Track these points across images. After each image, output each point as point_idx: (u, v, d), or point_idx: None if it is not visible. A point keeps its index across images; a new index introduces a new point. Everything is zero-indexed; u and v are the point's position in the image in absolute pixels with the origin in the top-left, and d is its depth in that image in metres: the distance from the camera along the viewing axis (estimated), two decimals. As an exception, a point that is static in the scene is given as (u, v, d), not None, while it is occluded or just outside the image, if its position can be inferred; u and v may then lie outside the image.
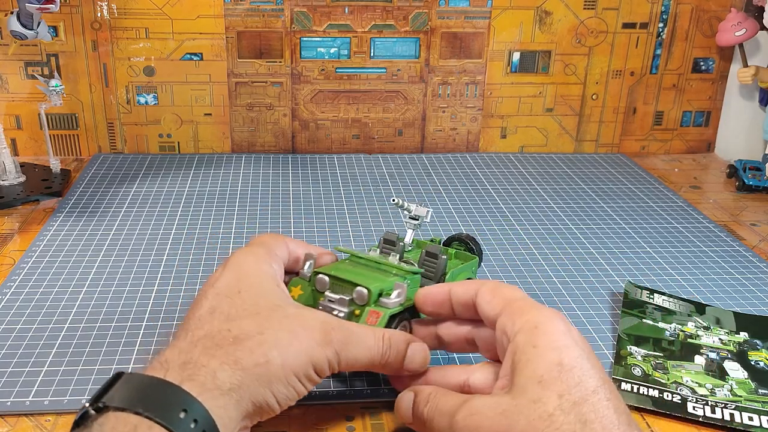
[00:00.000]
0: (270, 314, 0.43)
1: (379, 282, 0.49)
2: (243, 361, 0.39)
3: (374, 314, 0.47)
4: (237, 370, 0.39)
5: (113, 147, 0.97)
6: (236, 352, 0.39)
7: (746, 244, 0.76)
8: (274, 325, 0.42)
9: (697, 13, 1.00)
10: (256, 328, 0.41)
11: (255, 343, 0.40)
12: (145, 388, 0.36)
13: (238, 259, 0.47)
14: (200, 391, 0.37)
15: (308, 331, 0.42)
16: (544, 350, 0.39)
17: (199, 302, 0.44)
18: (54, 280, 0.64)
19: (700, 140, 1.07)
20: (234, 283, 0.45)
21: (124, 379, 0.37)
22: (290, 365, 0.40)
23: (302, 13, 0.93)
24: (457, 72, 0.99)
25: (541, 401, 0.36)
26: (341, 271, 0.50)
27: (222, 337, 0.40)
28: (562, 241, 0.75)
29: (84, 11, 0.90)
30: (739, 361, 0.54)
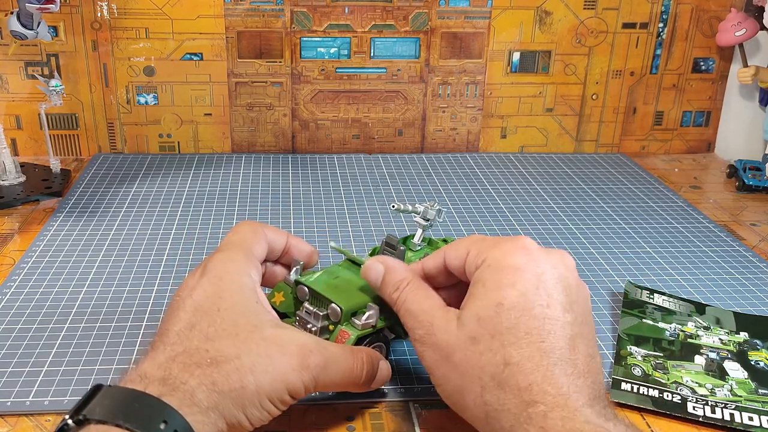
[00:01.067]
0: (248, 336, 0.42)
1: (354, 300, 0.49)
2: (219, 384, 0.39)
3: (343, 334, 0.48)
4: (213, 392, 0.39)
5: (113, 147, 0.97)
6: (213, 374, 0.40)
7: (746, 244, 0.76)
8: (251, 349, 0.41)
9: (697, 13, 1.00)
10: (233, 351, 0.41)
11: (232, 367, 0.40)
12: (125, 401, 0.36)
13: (218, 269, 0.46)
14: (179, 405, 0.37)
15: (285, 356, 0.42)
16: (489, 289, 0.40)
17: (177, 314, 0.43)
18: (54, 280, 0.64)
19: (700, 140, 1.07)
20: (214, 298, 0.44)
21: (104, 391, 0.37)
22: (265, 390, 0.41)
23: (302, 13, 0.93)
24: (457, 72, 0.99)
25: (476, 339, 0.39)
26: (321, 283, 0.50)
27: (200, 356, 0.40)
28: (562, 241, 0.75)
29: (84, 11, 0.90)
30: (739, 361, 0.54)
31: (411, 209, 0.58)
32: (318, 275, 0.52)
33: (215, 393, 0.39)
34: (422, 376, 0.52)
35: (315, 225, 0.77)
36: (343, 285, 0.50)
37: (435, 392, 0.50)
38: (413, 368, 0.53)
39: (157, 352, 0.41)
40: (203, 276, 0.45)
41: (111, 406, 0.36)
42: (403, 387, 0.51)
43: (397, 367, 0.53)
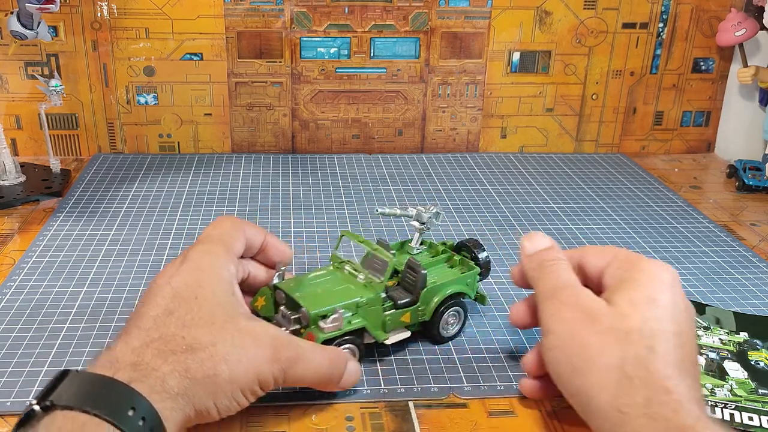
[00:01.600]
0: (224, 325, 0.43)
1: (322, 305, 0.50)
2: (193, 370, 0.40)
3: (310, 337, 0.49)
4: (186, 378, 0.40)
5: (113, 147, 0.97)
6: (187, 360, 0.40)
7: (746, 244, 0.76)
8: (226, 338, 0.42)
9: (697, 13, 1.00)
10: (209, 339, 0.42)
11: (207, 354, 0.41)
12: (93, 386, 0.36)
13: (198, 259, 0.47)
14: (149, 392, 0.37)
15: (259, 348, 0.43)
16: (643, 285, 0.43)
17: (155, 299, 0.44)
18: (54, 280, 0.64)
19: (700, 140, 1.07)
20: (192, 287, 0.45)
21: (72, 376, 0.37)
22: (237, 380, 0.42)
23: (302, 13, 0.93)
24: (457, 72, 0.99)
25: (627, 318, 0.41)
26: (296, 288, 0.52)
27: (176, 343, 0.41)
28: (562, 241, 0.75)
29: (84, 11, 0.90)
30: (739, 361, 0.54)
31: (399, 212, 0.58)
32: (298, 281, 0.53)
33: (187, 379, 0.40)
34: (422, 376, 0.52)
35: (315, 225, 0.77)
36: (316, 290, 0.52)
37: (435, 392, 0.50)
38: (413, 368, 0.53)
39: (131, 336, 0.41)
40: (183, 264, 0.46)
41: (78, 392, 0.36)
42: (403, 387, 0.51)
43: (396, 367, 0.53)
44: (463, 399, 0.50)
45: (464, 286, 0.56)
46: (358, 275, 0.54)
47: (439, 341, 0.56)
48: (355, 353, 0.51)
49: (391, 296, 0.53)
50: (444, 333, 0.56)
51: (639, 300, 0.42)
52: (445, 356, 0.55)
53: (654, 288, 0.43)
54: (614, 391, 0.39)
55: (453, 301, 0.55)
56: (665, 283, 0.44)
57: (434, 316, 0.54)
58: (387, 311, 0.52)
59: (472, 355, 0.55)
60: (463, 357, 0.55)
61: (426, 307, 0.54)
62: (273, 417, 0.48)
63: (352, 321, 0.50)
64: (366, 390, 0.51)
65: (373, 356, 0.54)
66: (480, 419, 0.48)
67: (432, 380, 0.52)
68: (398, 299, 0.53)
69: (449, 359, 0.54)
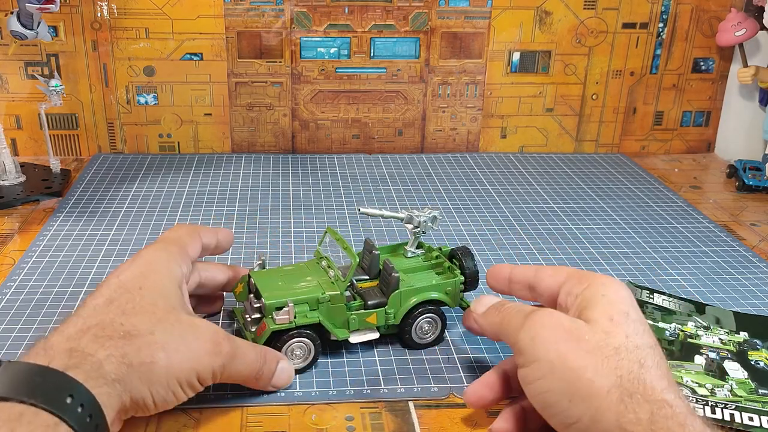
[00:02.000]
0: (165, 316, 0.44)
1: (278, 296, 0.51)
2: (130, 356, 0.40)
3: (263, 326, 0.50)
4: (122, 364, 0.40)
5: (113, 147, 0.97)
6: (125, 346, 0.40)
7: (746, 244, 0.76)
8: (166, 328, 0.43)
9: (697, 13, 1.00)
10: (148, 327, 0.42)
11: (144, 342, 0.41)
12: (28, 376, 0.36)
13: (149, 255, 0.48)
14: (85, 379, 0.37)
15: (199, 340, 0.44)
16: (613, 301, 0.42)
17: (99, 290, 0.44)
18: (54, 280, 0.64)
19: (700, 140, 1.07)
20: (138, 278, 0.45)
21: (4, 367, 0.37)
22: (174, 370, 0.42)
23: (302, 13, 0.93)
24: (457, 72, 0.99)
25: (611, 335, 0.40)
26: (266, 278, 0.53)
27: (113, 329, 0.41)
28: (562, 241, 0.75)
29: (84, 11, 0.90)
30: (739, 361, 0.54)
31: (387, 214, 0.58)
32: (271, 272, 0.55)
33: (124, 365, 0.40)
34: (422, 376, 0.52)
35: (315, 225, 0.77)
36: (282, 281, 0.53)
37: (435, 392, 0.50)
38: (413, 368, 0.53)
39: (68, 325, 0.41)
40: (134, 261, 0.47)
41: (12, 382, 0.35)
42: (403, 387, 0.51)
43: (396, 367, 0.53)
44: (463, 399, 0.50)
45: (442, 294, 0.55)
46: (329, 271, 0.54)
47: (411, 347, 0.55)
48: (309, 349, 0.51)
49: (363, 296, 0.53)
50: (417, 339, 0.55)
51: (616, 316, 0.41)
52: (445, 356, 0.55)
53: (623, 303, 0.43)
54: (617, 410, 0.38)
55: (432, 307, 0.54)
56: (628, 298, 0.43)
57: (406, 320, 0.54)
58: (354, 310, 0.53)
59: (472, 355, 0.55)
60: (463, 357, 0.55)
61: (396, 311, 0.53)
62: (273, 417, 0.48)
63: (309, 315, 0.51)
64: (366, 390, 0.51)
65: (373, 356, 0.54)
66: (480, 419, 0.48)
67: (432, 380, 0.52)
68: (369, 299, 0.53)
69: (449, 359, 0.54)
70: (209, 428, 0.46)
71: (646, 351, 0.40)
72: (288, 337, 0.50)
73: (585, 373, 0.39)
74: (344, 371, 0.53)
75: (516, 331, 0.43)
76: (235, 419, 0.47)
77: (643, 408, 0.37)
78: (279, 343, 0.50)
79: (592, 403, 0.38)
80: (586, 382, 0.39)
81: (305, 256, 0.70)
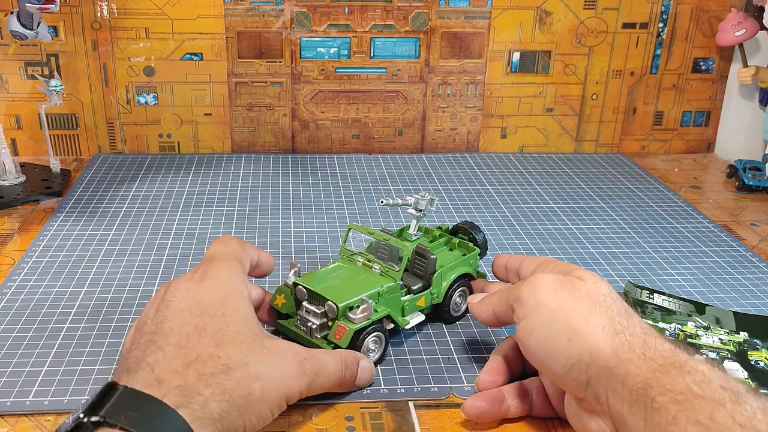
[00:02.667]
0: (253, 344, 0.44)
1: (348, 296, 0.51)
2: (231, 392, 0.40)
3: (341, 329, 0.50)
4: (224, 401, 0.40)
5: (113, 147, 0.97)
6: (225, 382, 0.40)
7: (746, 244, 0.76)
8: (257, 358, 0.43)
9: (697, 13, 1.00)
10: (241, 358, 0.42)
11: (241, 374, 0.41)
12: (144, 409, 0.37)
13: (220, 275, 0.47)
14: (192, 419, 0.38)
15: (286, 364, 0.44)
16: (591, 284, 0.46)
17: (182, 315, 0.43)
18: (54, 280, 0.64)
19: (700, 140, 1.07)
20: (218, 304, 0.45)
21: (122, 394, 0.37)
22: (267, 398, 0.42)
23: (302, 13, 0.93)
24: (457, 72, 0.99)
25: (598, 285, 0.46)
26: (318, 283, 0.53)
27: (213, 363, 0.41)
28: (562, 241, 0.75)
29: (84, 11, 0.90)
30: (739, 361, 0.54)
31: (401, 202, 0.60)
32: (315, 275, 0.55)
33: (225, 402, 0.40)
34: (422, 376, 0.52)
35: (315, 225, 0.77)
36: (337, 283, 0.54)
37: (435, 392, 0.50)
38: (413, 368, 0.53)
39: (168, 355, 0.41)
40: (204, 281, 0.46)
41: (130, 412, 0.36)
42: (403, 387, 0.51)
43: (396, 367, 0.53)
44: (463, 399, 0.50)
45: (468, 267, 0.59)
46: (373, 265, 0.56)
47: (450, 321, 0.59)
48: (382, 341, 0.53)
49: (405, 283, 0.55)
50: (454, 313, 0.59)
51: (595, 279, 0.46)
52: (445, 356, 0.55)
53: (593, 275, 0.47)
54: (612, 343, 0.41)
55: (460, 281, 0.58)
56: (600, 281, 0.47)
57: (445, 297, 0.57)
58: (404, 297, 0.55)
59: (472, 355, 0.55)
60: (463, 357, 0.55)
61: (438, 290, 0.56)
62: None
63: (378, 309, 0.52)
64: (366, 390, 0.51)
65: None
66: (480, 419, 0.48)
67: (432, 380, 0.52)
68: (411, 285, 0.55)
69: (449, 359, 0.54)
70: (209, 428, 0.46)
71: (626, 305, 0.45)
72: (365, 334, 0.51)
73: (581, 314, 0.43)
74: (344, 371, 0.53)
75: (517, 289, 0.47)
76: (235, 419, 0.47)
77: (636, 339, 0.41)
78: (358, 342, 0.51)
79: (590, 340, 0.42)
80: (584, 322, 0.43)
81: (305, 256, 0.70)
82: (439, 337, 0.57)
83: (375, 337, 0.52)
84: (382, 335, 0.53)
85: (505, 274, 0.56)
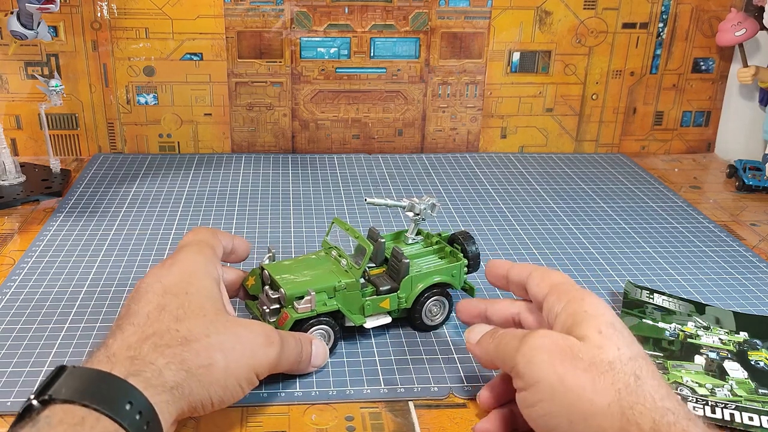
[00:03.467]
0: (216, 318, 0.45)
1: (298, 286, 0.52)
2: (189, 361, 0.41)
3: (284, 316, 0.52)
4: (182, 369, 0.41)
5: (113, 147, 0.97)
6: (183, 352, 0.41)
7: (746, 244, 0.76)
8: (219, 329, 0.44)
9: (697, 13, 1.00)
10: (203, 330, 0.43)
11: (201, 345, 0.42)
12: (91, 381, 0.37)
13: (187, 258, 0.49)
14: (145, 386, 0.38)
15: (252, 334, 0.45)
16: (595, 314, 0.42)
17: (146, 297, 0.45)
18: (54, 280, 0.64)
19: (700, 140, 1.07)
20: (182, 283, 0.46)
21: (69, 372, 0.38)
22: (232, 369, 0.43)
23: (302, 13, 0.93)
24: (457, 72, 0.99)
25: (603, 349, 0.40)
26: (280, 269, 0.55)
27: (171, 336, 0.42)
28: (562, 241, 0.75)
29: (84, 11, 0.90)
30: (739, 361, 0.54)
31: (391, 203, 0.60)
32: (283, 263, 0.56)
33: (183, 371, 0.41)
34: (422, 376, 0.52)
35: (315, 225, 0.77)
36: (297, 273, 0.55)
37: (435, 392, 0.50)
38: (413, 368, 0.53)
39: (125, 333, 0.42)
40: (173, 266, 0.48)
41: (76, 386, 0.36)
42: (403, 387, 0.51)
43: (396, 367, 0.53)
44: (463, 399, 0.50)
45: (449, 276, 0.57)
46: (341, 261, 0.56)
47: (422, 329, 0.58)
48: (329, 336, 0.53)
49: (374, 282, 0.55)
50: (428, 322, 0.57)
51: (603, 329, 0.41)
52: (445, 356, 0.55)
53: (606, 315, 0.43)
54: (619, 424, 0.37)
55: (437, 290, 0.57)
56: (609, 310, 0.43)
57: (416, 304, 0.56)
58: (368, 296, 0.55)
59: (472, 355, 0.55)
60: (463, 357, 0.55)
61: (407, 295, 0.56)
62: (273, 417, 0.48)
63: (327, 303, 0.53)
64: (366, 390, 0.51)
65: (373, 356, 0.54)
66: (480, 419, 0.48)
67: (432, 380, 0.52)
68: (380, 285, 0.55)
69: (449, 359, 0.54)
70: (209, 428, 0.46)
71: (639, 362, 0.40)
72: (309, 326, 0.52)
73: (584, 392, 0.39)
74: (344, 371, 0.53)
75: (512, 356, 0.42)
76: (235, 419, 0.47)
77: (644, 418, 0.37)
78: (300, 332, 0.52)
79: (594, 421, 0.38)
80: (587, 402, 0.38)
81: (305, 256, 0.70)
82: (439, 337, 0.57)
83: (321, 330, 0.53)
84: (331, 330, 0.53)
85: (505, 284, 0.51)
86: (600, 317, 0.42)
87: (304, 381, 0.51)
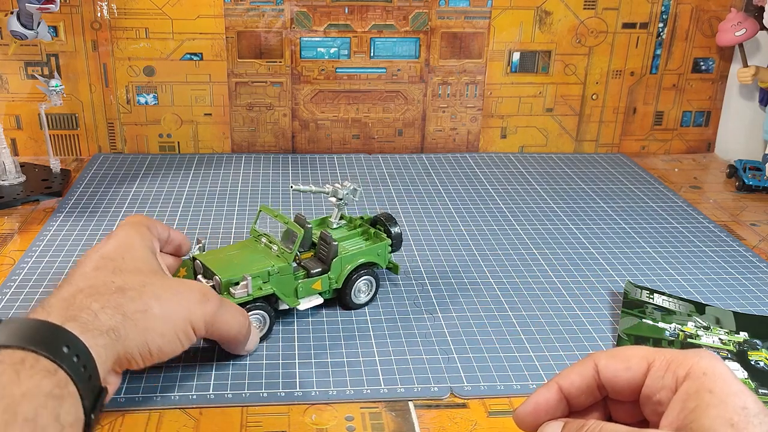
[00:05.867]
0: (152, 274, 0.47)
1: (232, 272, 0.54)
2: (124, 306, 0.43)
3: None
4: (117, 313, 0.42)
5: (113, 147, 0.97)
6: (119, 298, 0.43)
7: (746, 244, 0.76)
8: (155, 282, 0.46)
9: (697, 13, 1.00)
10: (139, 282, 0.45)
11: (137, 293, 0.44)
12: (28, 328, 0.38)
13: (123, 233, 0.50)
14: (81, 331, 0.39)
15: (189, 290, 0.47)
16: (724, 395, 0.33)
17: (83, 262, 0.47)
18: (54, 280, 0.64)
19: (700, 140, 1.07)
20: (119, 250, 0.48)
21: (5, 322, 0.38)
22: (169, 317, 0.44)
23: (302, 13, 0.93)
24: (457, 72, 0.99)
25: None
26: (211, 258, 0.56)
27: (106, 287, 0.43)
28: (562, 241, 0.75)
29: (84, 11, 0.90)
30: (739, 361, 0.54)
31: (315, 189, 0.62)
32: (215, 252, 0.59)
33: (119, 315, 0.42)
34: (422, 376, 0.52)
35: (315, 225, 0.77)
36: (230, 260, 0.56)
37: (435, 392, 0.50)
38: (413, 368, 0.53)
39: (61, 289, 0.43)
40: (110, 239, 0.50)
41: (14, 332, 0.37)
42: (403, 387, 0.51)
43: (396, 367, 0.53)
44: (463, 399, 0.50)
45: (375, 256, 0.60)
46: (272, 247, 0.58)
47: (351, 307, 0.60)
48: (265, 319, 0.55)
49: (305, 266, 0.58)
50: (356, 300, 0.60)
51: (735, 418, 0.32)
52: (445, 356, 0.55)
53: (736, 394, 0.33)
54: None
55: (365, 270, 0.60)
56: (732, 377, 0.34)
57: (346, 283, 0.59)
58: (299, 279, 0.57)
59: (472, 355, 0.55)
60: (463, 357, 0.55)
61: (337, 276, 0.58)
62: (273, 417, 0.48)
63: (263, 287, 0.54)
64: (366, 390, 0.51)
65: (373, 356, 0.54)
66: (480, 419, 0.48)
67: (432, 380, 0.52)
68: (311, 268, 0.58)
69: (449, 359, 0.54)
70: (209, 428, 0.46)
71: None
72: (246, 310, 0.53)
73: None
74: (344, 371, 0.53)
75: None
76: (235, 419, 0.47)
77: None
78: None
79: None
80: None
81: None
82: (439, 337, 0.57)
83: (258, 315, 0.54)
84: (266, 314, 0.55)
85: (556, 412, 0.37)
86: (730, 399, 0.33)
87: (304, 381, 0.51)
